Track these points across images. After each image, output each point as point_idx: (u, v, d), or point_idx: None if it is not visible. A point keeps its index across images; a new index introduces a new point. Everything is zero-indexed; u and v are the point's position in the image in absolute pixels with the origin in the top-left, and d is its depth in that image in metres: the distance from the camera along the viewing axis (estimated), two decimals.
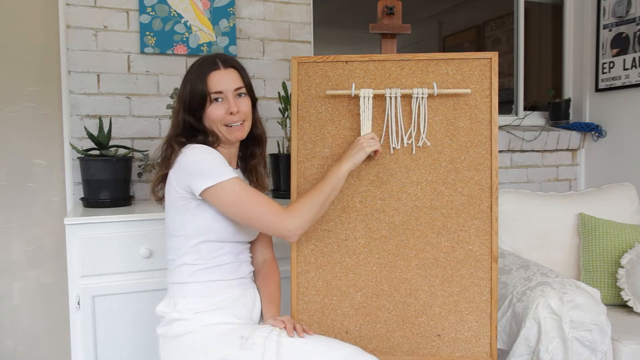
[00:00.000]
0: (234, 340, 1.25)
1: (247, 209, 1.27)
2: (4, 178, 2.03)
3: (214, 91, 1.33)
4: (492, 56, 1.50)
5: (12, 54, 2.02)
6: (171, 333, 1.31)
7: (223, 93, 1.34)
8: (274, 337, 1.24)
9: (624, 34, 2.63)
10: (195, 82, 1.34)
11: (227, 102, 1.34)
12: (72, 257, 1.68)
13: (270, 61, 2.34)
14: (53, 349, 2.10)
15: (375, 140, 1.43)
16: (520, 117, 2.91)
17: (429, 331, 1.50)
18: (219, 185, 1.25)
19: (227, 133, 1.36)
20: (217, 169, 1.26)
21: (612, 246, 2.05)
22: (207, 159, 1.27)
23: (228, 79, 1.35)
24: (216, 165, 1.27)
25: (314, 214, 1.32)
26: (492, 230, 1.50)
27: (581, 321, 1.58)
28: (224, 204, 1.27)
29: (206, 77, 1.34)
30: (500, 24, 3.05)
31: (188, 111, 1.35)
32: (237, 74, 1.38)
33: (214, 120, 1.35)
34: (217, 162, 1.28)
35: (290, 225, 1.28)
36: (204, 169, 1.26)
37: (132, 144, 2.14)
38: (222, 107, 1.34)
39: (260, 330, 1.28)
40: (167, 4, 2.14)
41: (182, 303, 1.32)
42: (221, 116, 1.34)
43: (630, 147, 2.64)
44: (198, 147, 1.30)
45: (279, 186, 2.18)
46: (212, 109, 1.34)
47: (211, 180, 1.25)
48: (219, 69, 1.35)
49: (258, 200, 1.28)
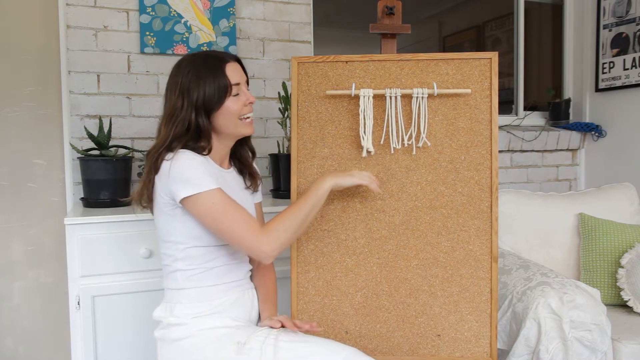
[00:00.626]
0: (231, 345, 1.24)
1: (222, 223, 1.23)
2: (4, 178, 2.03)
3: (234, 82, 1.32)
4: (492, 56, 1.50)
5: (12, 54, 2.02)
6: (169, 337, 1.30)
7: (240, 85, 1.34)
8: (271, 342, 1.23)
9: (624, 34, 2.63)
10: (212, 78, 1.29)
11: (243, 94, 1.34)
12: (72, 257, 1.68)
13: (270, 61, 2.34)
14: (53, 349, 2.10)
15: (370, 178, 1.40)
16: (520, 117, 2.91)
17: (429, 331, 1.50)
18: (199, 195, 1.22)
19: (242, 127, 1.35)
20: (199, 178, 1.22)
21: (612, 246, 2.05)
22: (189, 166, 1.23)
23: (239, 71, 1.36)
24: (198, 175, 1.23)
25: (290, 234, 1.27)
26: (492, 230, 1.50)
27: (581, 321, 1.58)
28: (201, 215, 1.24)
29: (224, 69, 1.31)
30: (500, 24, 3.05)
31: (204, 111, 1.29)
32: (241, 68, 1.39)
33: (232, 114, 1.31)
34: (199, 171, 1.23)
35: (264, 247, 1.23)
36: (185, 177, 1.22)
37: (132, 144, 2.14)
38: (240, 99, 1.33)
39: (257, 334, 1.26)
40: (167, 4, 2.14)
41: (178, 308, 1.31)
42: (239, 108, 1.33)
43: (630, 147, 2.64)
44: (182, 153, 1.25)
45: (279, 186, 2.18)
46: (231, 102, 1.31)
47: (191, 190, 1.22)
48: (229, 61, 1.34)
49: (234, 215, 1.23)
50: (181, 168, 1.23)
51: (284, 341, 1.24)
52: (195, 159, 1.26)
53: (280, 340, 1.24)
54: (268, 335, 1.26)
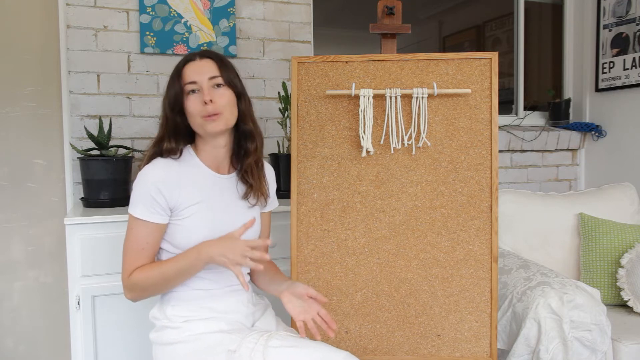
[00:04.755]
0: (222, 353, 1.23)
1: (123, 248, 1.30)
2: (4, 178, 2.03)
3: (188, 81, 1.29)
4: (492, 56, 1.50)
5: (12, 54, 2.02)
6: (162, 340, 1.30)
7: (197, 83, 1.28)
8: (260, 349, 1.21)
9: (624, 34, 2.63)
10: (173, 77, 1.32)
11: (202, 93, 1.28)
12: (72, 257, 1.68)
13: (270, 61, 2.34)
14: (53, 349, 2.10)
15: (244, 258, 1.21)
16: (520, 117, 2.91)
17: (429, 331, 1.50)
18: (129, 214, 1.28)
19: (204, 125, 1.29)
20: (137, 201, 1.26)
21: (612, 246, 2.06)
22: (138, 186, 1.27)
23: (202, 69, 1.30)
24: (137, 197, 1.26)
25: (150, 293, 1.30)
26: (492, 230, 1.50)
27: (581, 321, 1.58)
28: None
29: (182, 69, 1.31)
30: (500, 24, 3.05)
31: (171, 109, 1.31)
32: (214, 64, 1.32)
33: (191, 114, 1.29)
34: (141, 194, 1.25)
35: (126, 293, 1.29)
36: (132, 193, 1.28)
37: (132, 144, 2.14)
38: (198, 98, 1.29)
39: (247, 340, 1.24)
40: (167, 4, 2.14)
41: (170, 310, 1.31)
42: (197, 108, 1.28)
43: (630, 147, 2.64)
44: (147, 169, 1.28)
45: (279, 186, 2.17)
46: (189, 102, 1.29)
47: (130, 207, 1.28)
48: (194, 60, 1.32)
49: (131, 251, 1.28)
50: (135, 184, 1.28)
51: (273, 347, 1.21)
52: (148, 180, 1.26)
53: (269, 346, 1.21)
54: (258, 340, 1.23)
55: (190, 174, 1.31)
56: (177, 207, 1.28)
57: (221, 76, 1.32)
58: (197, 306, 1.31)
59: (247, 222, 1.28)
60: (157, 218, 1.26)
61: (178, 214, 1.28)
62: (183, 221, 1.28)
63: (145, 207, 1.25)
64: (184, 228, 1.28)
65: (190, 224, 1.28)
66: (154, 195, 1.25)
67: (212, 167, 1.35)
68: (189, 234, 1.28)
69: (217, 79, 1.31)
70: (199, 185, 1.31)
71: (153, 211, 1.25)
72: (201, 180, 1.32)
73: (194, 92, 1.29)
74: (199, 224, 1.29)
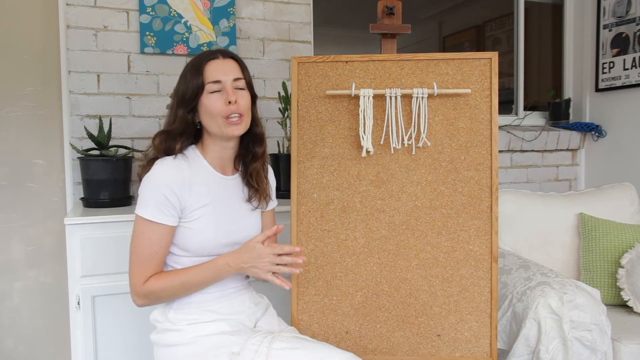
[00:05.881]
0: (225, 355, 1.23)
1: (130, 252, 1.26)
2: (4, 178, 2.03)
3: (212, 80, 1.26)
4: (492, 56, 1.50)
5: (12, 54, 2.02)
6: (164, 342, 1.29)
7: (221, 83, 1.27)
8: (263, 351, 1.20)
9: (624, 34, 2.63)
10: (192, 73, 1.28)
11: (225, 93, 1.26)
12: (72, 257, 1.68)
13: (270, 61, 2.34)
14: (53, 349, 2.10)
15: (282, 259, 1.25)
16: (520, 117, 2.91)
17: (429, 331, 1.50)
18: (136, 215, 1.25)
19: (224, 127, 1.27)
20: (146, 200, 1.23)
21: (612, 246, 2.05)
22: (149, 186, 1.23)
23: (227, 68, 1.29)
24: (147, 197, 1.23)
25: (165, 300, 1.29)
26: (492, 230, 1.50)
27: (581, 321, 1.58)
28: (132, 233, 1.27)
29: (203, 66, 1.28)
30: (500, 24, 3.05)
31: (184, 105, 1.28)
32: (237, 65, 1.32)
33: (212, 113, 1.26)
34: (154, 195, 1.22)
35: (136, 300, 1.27)
36: (140, 194, 1.25)
37: (132, 144, 2.14)
38: (221, 98, 1.26)
39: (251, 342, 1.24)
40: (167, 4, 2.14)
41: (173, 314, 1.30)
42: (220, 108, 1.25)
43: (630, 147, 2.64)
44: (158, 169, 1.24)
45: (279, 186, 2.17)
46: (210, 101, 1.26)
47: (136, 207, 1.25)
48: (216, 58, 1.29)
49: (140, 256, 1.24)
50: (143, 184, 1.25)
51: (276, 349, 1.21)
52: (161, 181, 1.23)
53: (273, 348, 1.21)
54: (261, 342, 1.23)
55: (199, 175, 1.30)
56: (187, 209, 1.26)
57: (244, 78, 1.32)
58: (201, 309, 1.30)
59: (268, 232, 1.26)
60: (168, 220, 1.24)
61: (187, 216, 1.27)
62: (191, 223, 1.27)
63: (157, 209, 1.22)
64: (191, 230, 1.27)
65: (198, 226, 1.28)
66: (168, 196, 1.22)
67: (217, 168, 1.35)
68: (196, 235, 1.28)
69: (241, 81, 1.31)
70: (208, 186, 1.30)
71: (166, 212, 1.23)
72: (209, 181, 1.32)
73: (215, 92, 1.27)
74: (206, 226, 1.28)
